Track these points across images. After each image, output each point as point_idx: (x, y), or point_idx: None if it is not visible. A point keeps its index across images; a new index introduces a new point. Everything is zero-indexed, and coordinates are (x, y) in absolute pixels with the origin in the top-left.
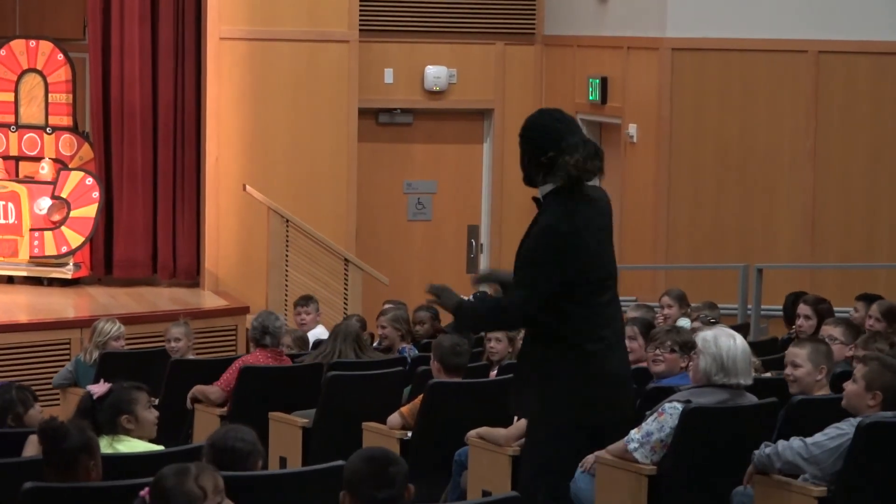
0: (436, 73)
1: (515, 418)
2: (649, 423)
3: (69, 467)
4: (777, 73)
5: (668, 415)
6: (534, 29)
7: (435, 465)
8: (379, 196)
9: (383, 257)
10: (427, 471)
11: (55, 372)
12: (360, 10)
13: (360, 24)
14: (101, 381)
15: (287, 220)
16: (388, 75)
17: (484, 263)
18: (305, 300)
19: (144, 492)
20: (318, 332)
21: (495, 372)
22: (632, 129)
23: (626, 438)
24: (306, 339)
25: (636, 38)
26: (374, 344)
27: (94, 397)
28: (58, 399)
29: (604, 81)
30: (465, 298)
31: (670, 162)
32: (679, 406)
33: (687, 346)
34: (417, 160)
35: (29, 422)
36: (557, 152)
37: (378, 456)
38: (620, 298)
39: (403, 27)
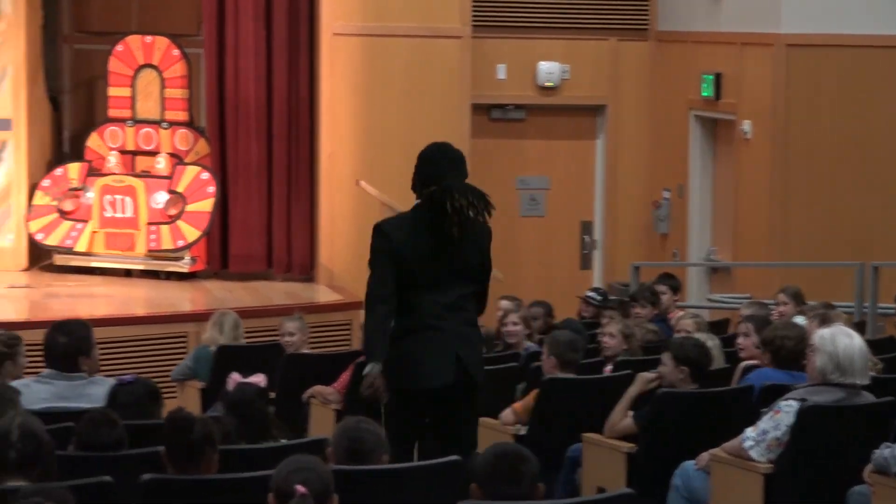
0: (548, 69)
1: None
2: (765, 421)
3: (193, 459)
4: (894, 69)
5: (783, 413)
6: (647, 24)
7: (547, 461)
8: (491, 192)
9: (496, 253)
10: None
11: (171, 365)
12: (473, 6)
13: (473, 20)
14: (232, 374)
15: None
16: (501, 71)
17: (597, 259)
18: None
19: (301, 488)
20: None
21: (610, 368)
22: (746, 125)
23: (741, 436)
24: None
25: (750, 33)
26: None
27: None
28: (175, 392)
29: (717, 77)
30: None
31: (785, 158)
32: (795, 404)
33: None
34: (530, 156)
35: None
36: (439, 185)
37: (510, 452)
38: (734, 294)
39: (516, 23)
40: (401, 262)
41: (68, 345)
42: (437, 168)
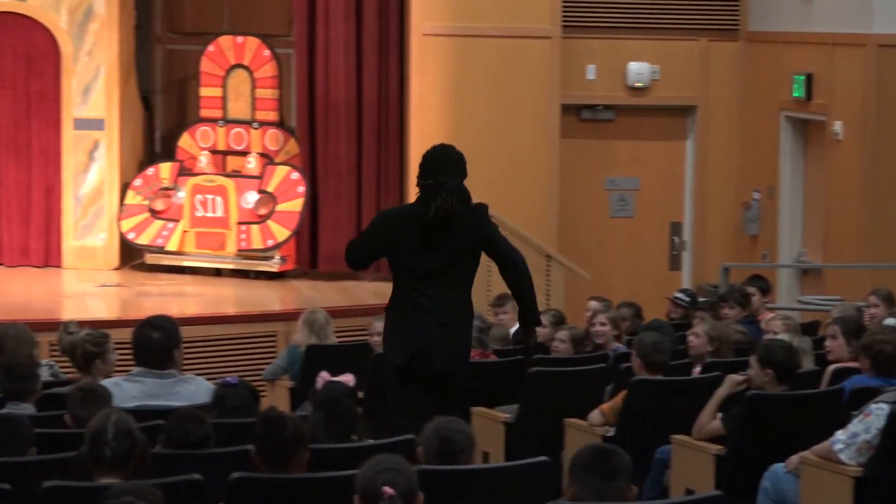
0: (638, 70)
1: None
2: (855, 424)
3: (285, 458)
4: None
5: (874, 416)
6: (738, 25)
7: (634, 462)
8: (581, 193)
9: (585, 254)
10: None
11: (260, 364)
12: (563, 6)
13: (563, 20)
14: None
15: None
16: (591, 72)
17: (686, 260)
18: (501, 300)
19: (389, 489)
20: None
21: (698, 369)
22: (837, 126)
23: (831, 439)
24: (508, 337)
25: (841, 34)
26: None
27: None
28: (264, 391)
29: (809, 78)
30: None
31: (876, 159)
32: (886, 407)
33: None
34: (620, 157)
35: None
36: (435, 181)
37: (606, 449)
38: (825, 296)
39: (606, 23)
40: (391, 248)
41: (162, 339)
42: (435, 166)
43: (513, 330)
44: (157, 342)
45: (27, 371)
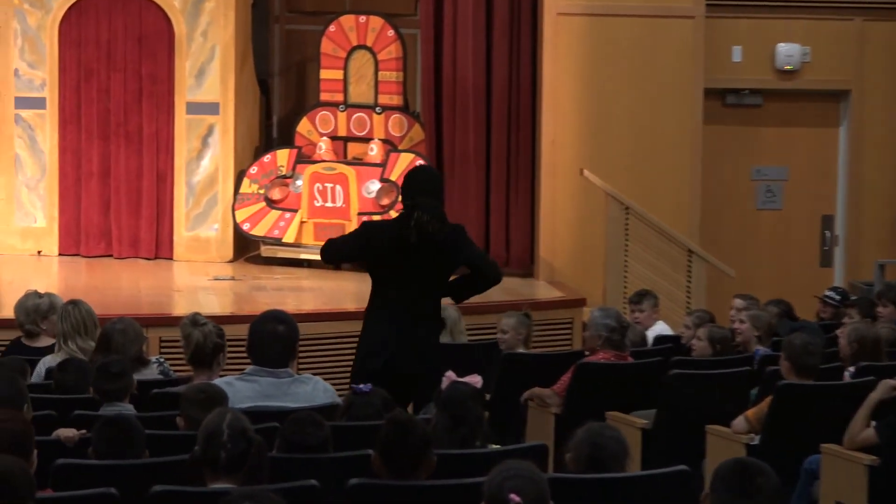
0: (788, 52)
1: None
2: None
3: (412, 463)
4: None
5: None
6: None
7: (781, 472)
8: (725, 183)
9: (729, 248)
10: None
11: None
12: None
13: None
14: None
15: (627, 208)
16: (737, 53)
17: (838, 256)
18: (638, 297)
19: (516, 497)
20: (660, 329)
21: (850, 373)
22: None
23: None
24: (645, 337)
25: None
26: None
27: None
28: None
29: None
30: None
31: None
32: None
33: None
34: (767, 145)
35: None
36: (413, 201)
37: (751, 465)
38: None
39: (754, 1)
40: (370, 256)
41: (287, 334)
42: (414, 187)
43: (651, 329)
44: (282, 336)
45: (123, 368)
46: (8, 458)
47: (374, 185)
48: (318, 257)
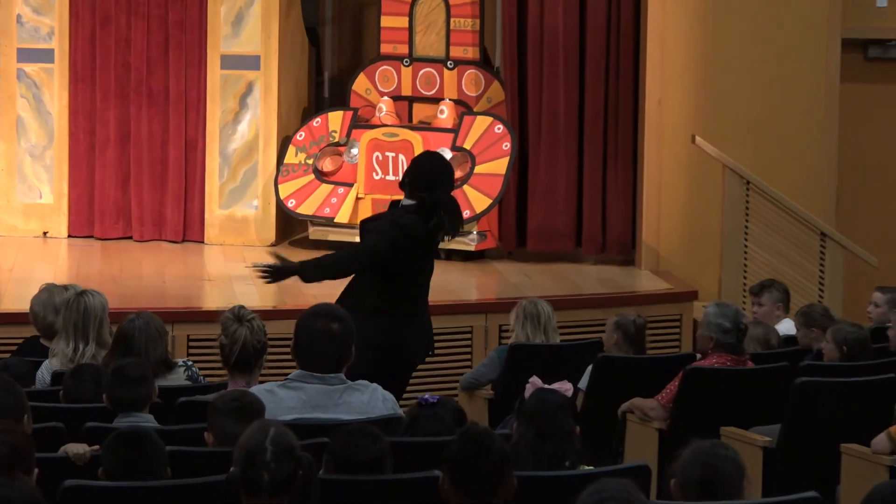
0: None
1: None
2: None
3: (492, 484)
4: None
5: None
6: None
7: None
8: (868, 153)
9: (871, 232)
10: None
11: (452, 367)
12: None
13: None
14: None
15: (747, 182)
16: None
17: None
18: (759, 288)
19: None
20: (786, 328)
21: None
22: None
23: None
24: (769, 339)
25: None
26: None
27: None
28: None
29: None
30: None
31: None
32: None
33: None
34: None
35: None
36: (430, 195)
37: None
38: None
39: None
40: (394, 259)
41: (343, 333)
42: (430, 178)
43: (778, 327)
44: (336, 336)
45: (143, 372)
46: None
47: (445, 154)
48: None
